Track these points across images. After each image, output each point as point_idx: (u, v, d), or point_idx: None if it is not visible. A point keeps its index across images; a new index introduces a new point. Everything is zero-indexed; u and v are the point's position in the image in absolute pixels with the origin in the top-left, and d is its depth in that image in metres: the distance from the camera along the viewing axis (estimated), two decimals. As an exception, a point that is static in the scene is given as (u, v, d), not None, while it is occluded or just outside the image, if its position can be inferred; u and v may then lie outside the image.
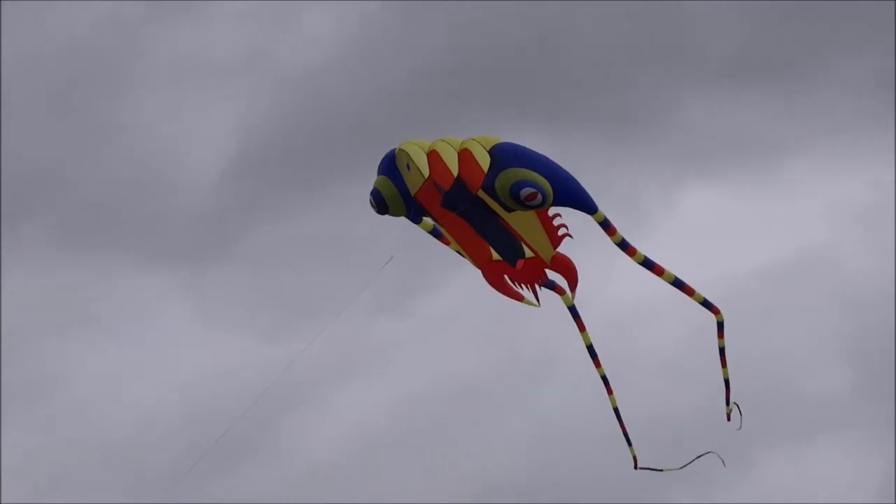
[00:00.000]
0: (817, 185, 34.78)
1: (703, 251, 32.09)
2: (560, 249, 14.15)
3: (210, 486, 29.95)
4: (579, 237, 14.87)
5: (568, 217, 14.12)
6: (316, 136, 31.58)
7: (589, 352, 14.76)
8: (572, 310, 14.25)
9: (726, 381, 15.22)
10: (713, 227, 33.45)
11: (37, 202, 34.02)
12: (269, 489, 30.98)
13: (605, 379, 14.89)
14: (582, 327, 14.29)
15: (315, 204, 31.35)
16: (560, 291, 14.36)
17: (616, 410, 15.22)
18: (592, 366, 15.97)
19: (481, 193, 13.15)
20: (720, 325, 14.66)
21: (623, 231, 15.24)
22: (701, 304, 14.31)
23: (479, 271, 14.25)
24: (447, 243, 14.17)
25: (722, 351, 15.00)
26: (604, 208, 15.08)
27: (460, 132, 14.35)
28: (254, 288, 31.45)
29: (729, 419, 15.46)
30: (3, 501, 29.15)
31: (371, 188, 13.73)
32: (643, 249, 15.72)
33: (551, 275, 14.65)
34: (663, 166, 33.64)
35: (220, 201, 31.78)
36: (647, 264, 13.87)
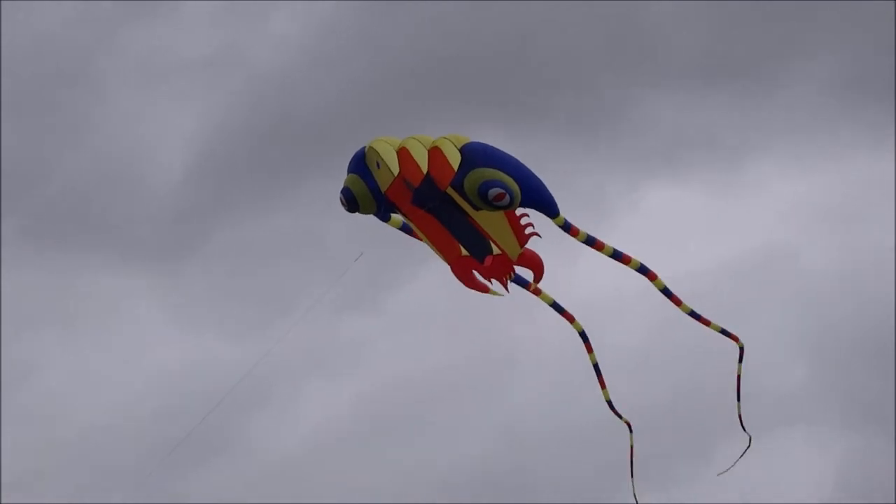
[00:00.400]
0: (778, 183, 34.79)
1: (665, 247, 31.58)
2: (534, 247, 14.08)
3: (179, 481, 29.72)
4: (553, 234, 14.53)
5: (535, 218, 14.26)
6: (283, 134, 31.26)
7: (582, 337, 14.62)
8: (555, 305, 14.23)
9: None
10: (676, 223, 33.35)
11: (6, 200, 33.27)
12: (236, 484, 30.91)
13: (596, 367, 14.72)
14: (571, 318, 14.27)
15: (284, 202, 31.00)
16: (536, 292, 14.35)
17: (609, 402, 15.06)
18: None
19: (450, 191, 13.11)
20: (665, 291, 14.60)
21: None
22: (663, 290, 14.29)
23: (447, 266, 14.17)
24: (418, 238, 14.10)
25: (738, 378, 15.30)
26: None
27: (427, 130, 14.35)
28: (223, 285, 31.32)
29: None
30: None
31: (341, 186, 13.67)
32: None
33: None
34: (628, 164, 33.87)
35: (188, 199, 31.42)
36: (616, 255, 13.87)
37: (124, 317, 32.50)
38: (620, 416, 15.14)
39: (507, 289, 13.83)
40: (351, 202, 13.49)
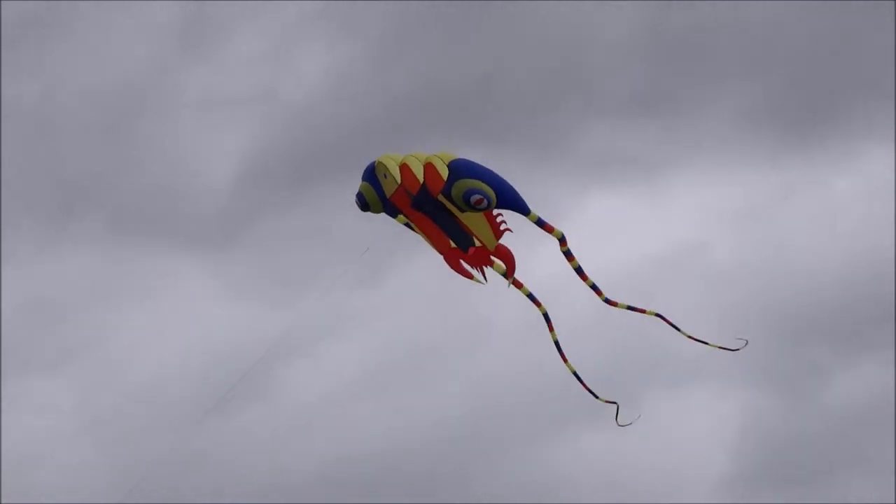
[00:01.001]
0: (690, 192, 35.77)
1: (603, 244, 31.70)
2: (507, 242, 14.26)
3: (225, 424, 31.04)
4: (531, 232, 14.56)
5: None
6: (309, 151, 31.89)
7: (545, 318, 14.41)
8: (530, 297, 14.24)
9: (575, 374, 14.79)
10: (611, 225, 34.26)
11: (95, 201, 34.68)
12: (268, 427, 31.13)
13: (557, 344, 14.59)
14: (538, 303, 14.16)
15: (306, 203, 31.61)
16: (517, 285, 14.33)
17: (576, 374, 14.81)
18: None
19: (441, 198, 13.43)
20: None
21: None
22: (591, 287, 14.33)
23: (439, 256, 14.32)
24: (416, 233, 14.24)
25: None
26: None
27: (418, 148, 14.68)
28: (262, 268, 32.30)
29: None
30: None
31: (356, 191, 14.00)
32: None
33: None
34: (574, 178, 34.48)
35: (234, 201, 32.24)
36: (580, 271, 14.04)
37: (184, 292, 33.41)
38: (593, 393, 14.83)
39: (485, 277, 13.96)
40: (364, 204, 13.82)
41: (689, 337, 15.10)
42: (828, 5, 35.66)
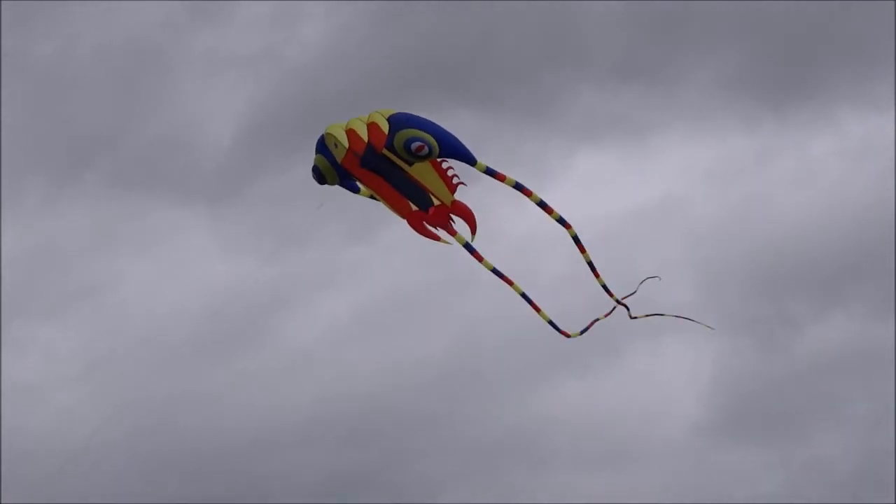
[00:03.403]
0: (674, 151, 35.89)
1: (592, 200, 33.23)
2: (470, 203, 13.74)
3: (222, 366, 30.95)
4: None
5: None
6: (305, 111, 31.64)
7: (496, 274, 14.03)
8: (467, 246, 13.74)
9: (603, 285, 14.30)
10: (599, 181, 34.67)
11: (98, 154, 34.80)
12: (263, 370, 31.54)
13: (525, 296, 14.11)
14: (480, 258, 13.77)
15: (307, 160, 32.82)
16: (548, 210, 13.59)
17: (551, 323, 14.13)
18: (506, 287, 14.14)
19: (386, 152, 13.06)
20: (575, 239, 13.87)
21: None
22: (557, 220, 13.44)
23: (404, 221, 13.93)
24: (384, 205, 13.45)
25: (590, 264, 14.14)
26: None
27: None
28: (259, 221, 31.68)
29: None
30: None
31: (312, 165, 13.63)
32: (548, 199, 16.70)
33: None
34: (564, 138, 34.68)
35: (235, 157, 32.21)
36: (542, 204, 13.54)
37: (184, 243, 33.32)
38: (557, 328, 14.04)
39: (452, 235, 13.58)
40: (320, 176, 13.51)
41: (671, 315, 14.49)
42: None
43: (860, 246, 33.81)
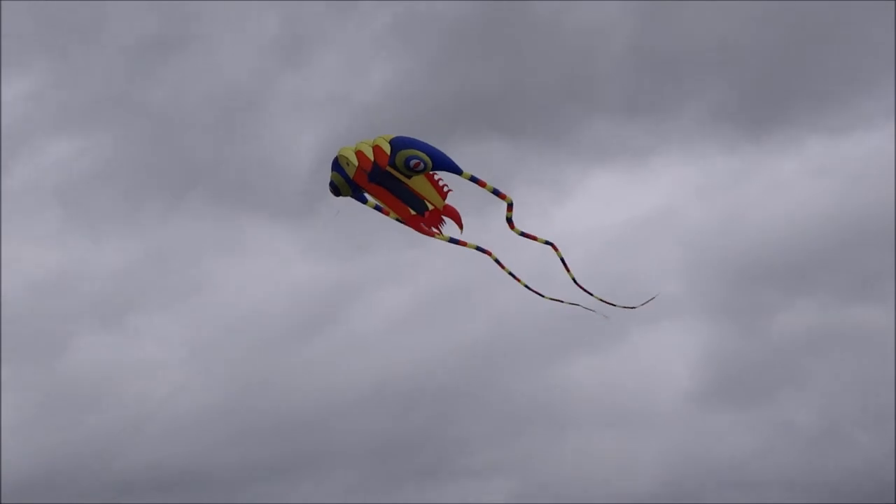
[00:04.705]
0: (669, 172, 37.81)
1: (603, 211, 36.04)
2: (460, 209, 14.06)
3: (302, 347, 34.17)
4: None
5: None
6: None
7: (480, 251, 14.14)
8: (452, 240, 14.00)
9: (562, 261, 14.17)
10: (609, 197, 36.76)
11: (203, 178, 36.34)
12: (334, 351, 34.13)
13: (498, 262, 14.16)
14: (464, 243, 13.92)
15: None
16: (462, 243, 13.98)
17: (528, 286, 14.35)
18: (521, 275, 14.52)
19: (389, 168, 13.52)
20: (510, 206, 13.63)
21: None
22: (492, 192, 13.56)
23: (405, 227, 14.28)
24: (386, 214, 14.16)
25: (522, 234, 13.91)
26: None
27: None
28: (332, 232, 30.57)
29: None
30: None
31: (329, 180, 13.94)
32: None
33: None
34: (579, 160, 36.47)
35: (313, 181, 28.74)
36: (510, 221, 13.71)
37: (273, 250, 35.46)
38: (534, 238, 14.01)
39: (441, 233, 13.85)
40: (336, 190, 13.71)
41: (576, 283, 14.23)
42: (774, 25, 37.20)
43: (822, 246, 35.63)
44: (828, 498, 32.70)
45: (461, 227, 13.58)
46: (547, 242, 13.72)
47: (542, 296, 14.05)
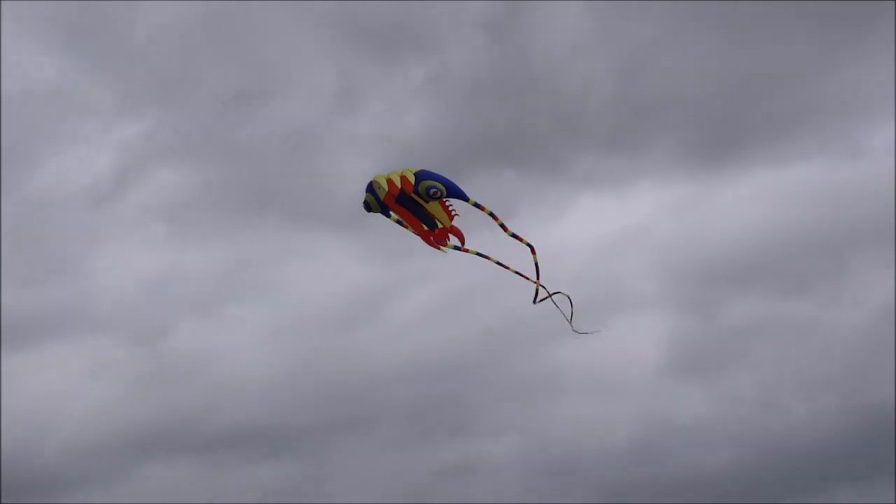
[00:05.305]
0: (643, 196, 41.31)
1: (590, 227, 39.24)
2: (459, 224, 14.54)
3: (356, 333, 37.13)
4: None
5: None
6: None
7: (480, 255, 14.33)
8: (455, 247, 14.34)
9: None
10: (595, 216, 40.17)
11: (276, 199, 38.98)
12: (380, 336, 37.07)
13: (488, 259, 14.31)
14: (466, 250, 14.22)
15: None
16: (465, 250, 14.48)
17: (519, 273, 14.48)
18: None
19: (413, 195, 13.89)
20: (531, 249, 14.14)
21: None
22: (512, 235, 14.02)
23: (418, 238, 14.51)
24: (405, 227, 14.33)
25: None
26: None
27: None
28: (379, 242, 33.98)
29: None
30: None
31: (363, 200, 14.30)
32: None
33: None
34: (571, 186, 40.13)
35: (361, 204, 27.48)
36: (503, 226, 14.19)
37: (334, 256, 38.94)
38: (522, 237, 14.27)
39: (446, 244, 14.23)
40: (368, 208, 14.10)
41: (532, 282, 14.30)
42: (728, 78, 39.82)
43: (764, 254, 38.05)
44: (767, 452, 34.88)
45: (463, 241, 14.29)
46: (529, 245, 14.13)
47: (532, 281, 14.23)
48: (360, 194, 15.24)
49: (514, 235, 13.92)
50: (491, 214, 13.91)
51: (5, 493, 32.60)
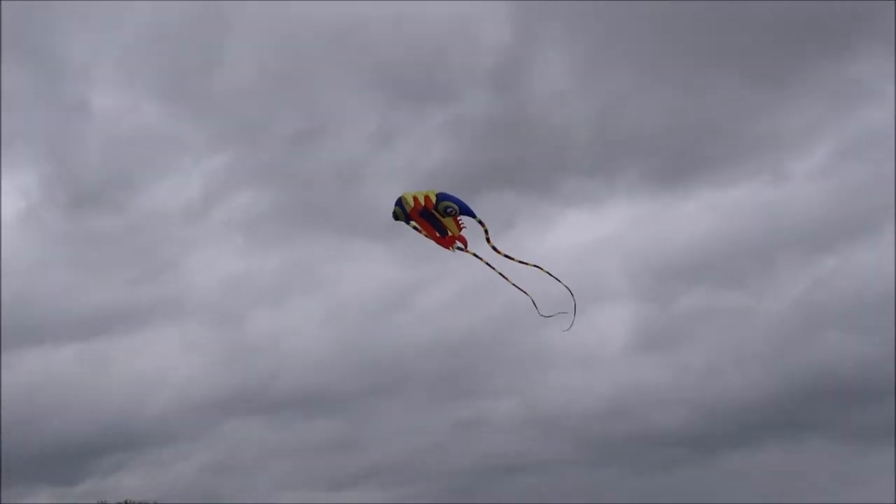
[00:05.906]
0: (615, 215, 46.65)
1: (571, 238, 44.67)
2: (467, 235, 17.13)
3: (391, 320, 42.18)
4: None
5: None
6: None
7: (478, 258, 16.60)
8: (459, 248, 16.59)
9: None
10: (575, 229, 45.12)
11: (329, 215, 43.76)
12: (408, 324, 41.85)
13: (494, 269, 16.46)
14: (468, 252, 16.26)
15: None
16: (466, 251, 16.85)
17: (514, 284, 16.73)
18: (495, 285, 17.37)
19: (433, 211, 16.09)
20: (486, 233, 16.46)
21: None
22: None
23: (432, 242, 16.58)
24: (421, 233, 16.59)
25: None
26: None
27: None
28: (411, 249, 38.46)
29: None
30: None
31: (392, 211, 16.64)
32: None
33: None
34: (556, 205, 44.96)
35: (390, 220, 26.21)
36: (492, 245, 16.47)
37: (372, 260, 43.81)
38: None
39: (455, 250, 16.31)
40: (395, 217, 16.31)
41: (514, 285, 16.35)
42: (680, 117, 45.45)
43: (710, 256, 44.91)
44: (712, 410, 40.73)
45: (465, 245, 17.35)
46: (507, 256, 15.94)
47: (524, 291, 16.20)
48: (388, 207, 17.78)
49: (506, 256, 16.03)
50: (486, 232, 16.50)
51: (119, 442, 40.60)
